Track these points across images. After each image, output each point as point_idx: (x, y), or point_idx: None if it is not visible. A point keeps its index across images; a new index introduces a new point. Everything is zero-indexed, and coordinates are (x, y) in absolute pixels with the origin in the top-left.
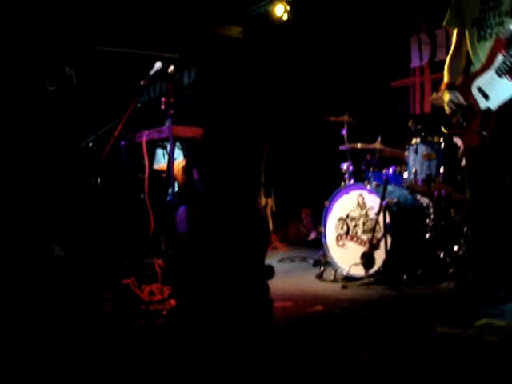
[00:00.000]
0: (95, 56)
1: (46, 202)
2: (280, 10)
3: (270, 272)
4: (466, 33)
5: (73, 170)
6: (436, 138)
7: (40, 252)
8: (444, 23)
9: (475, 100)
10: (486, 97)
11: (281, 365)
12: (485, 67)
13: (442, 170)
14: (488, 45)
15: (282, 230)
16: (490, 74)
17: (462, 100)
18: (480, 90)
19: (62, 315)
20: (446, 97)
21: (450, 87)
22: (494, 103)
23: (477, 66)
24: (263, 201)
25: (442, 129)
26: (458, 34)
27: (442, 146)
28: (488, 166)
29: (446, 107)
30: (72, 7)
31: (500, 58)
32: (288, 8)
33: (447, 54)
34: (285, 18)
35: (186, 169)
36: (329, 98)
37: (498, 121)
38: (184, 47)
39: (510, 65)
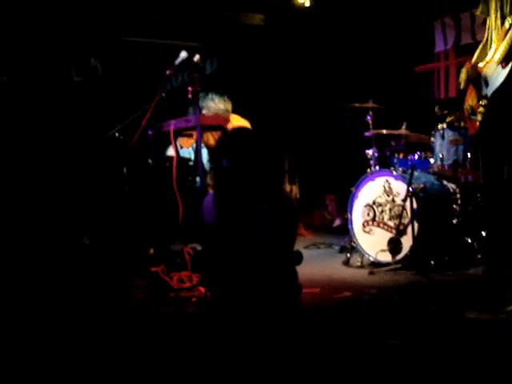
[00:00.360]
0: (120, 46)
1: (73, 191)
2: None
3: (298, 258)
4: (491, 21)
5: (99, 159)
6: (463, 123)
7: (68, 241)
8: (477, 12)
9: (481, 87)
10: (487, 84)
11: (310, 350)
12: (493, 55)
13: (469, 155)
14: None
15: (306, 216)
16: (493, 62)
17: (473, 76)
18: (484, 78)
19: (89, 303)
20: (464, 74)
21: (471, 67)
22: (489, 90)
23: (490, 54)
24: (288, 188)
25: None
26: (489, 22)
27: None
28: (487, 153)
29: (463, 80)
30: None
31: (501, 45)
32: None
33: (472, 37)
34: (307, 4)
35: (215, 156)
36: (353, 84)
37: (490, 108)
38: (206, 36)
39: (502, 52)
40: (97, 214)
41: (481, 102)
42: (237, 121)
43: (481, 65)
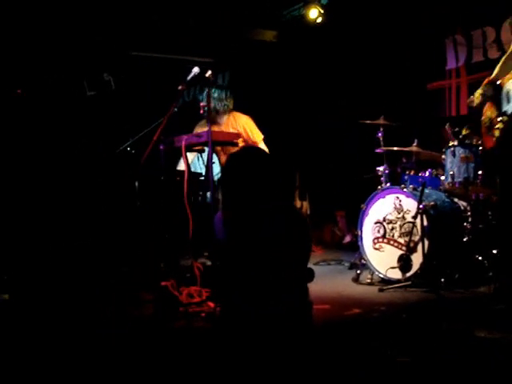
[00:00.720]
0: (132, 61)
1: (84, 204)
2: (314, 14)
3: (310, 275)
4: None
5: (111, 173)
6: (475, 140)
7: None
8: (506, 22)
9: (500, 103)
10: (509, 100)
11: (319, 366)
12: None
13: (480, 172)
14: None
15: (316, 232)
16: None
17: (490, 94)
18: (507, 94)
19: (98, 316)
20: (480, 90)
21: (490, 83)
22: (511, 107)
23: None
24: (298, 204)
25: (463, 130)
26: None
27: (480, 148)
28: (504, 169)
29: (476, 98)
30: (109, 13)
31: None
32: (322, 11)
33: (484, 55)
34: (319, 21)
35: (223, 176)
36: (364, 101)
37: (509, 125)
38: (218, 51)
39: None
40: (108, 228)
41: (500, 118)
42: (239, 117)
43: (503, 79)
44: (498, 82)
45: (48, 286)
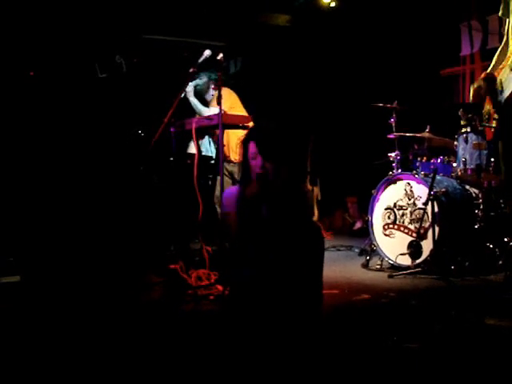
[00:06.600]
0: (144, 44)
1: (94, 189)
2: None
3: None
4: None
5: (122, 156)
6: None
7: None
8: (499, 13)
9: (497, 94)
10: (502, 91)
11: (327, 351)
12: (507, 61)
13: (492, 159)
14: None
15: (327, 218)
16: (508, 67)
17: (482, 94)
18: (500, 84)
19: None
20: (475, 85)
21: (485, 79)
22: (503, 97)
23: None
24: (309, 189)
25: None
26: (508, 25)
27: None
28: (506, 157)
29: (471, 93)
30: None
31: None
32: None
33: (500, 41)
34: (332, 5)
35: (243, 143)
36: (377, 86)
37: (503, 114)
38: (231, 36)
39: None
40: (118, 211)
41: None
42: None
43: (498, 71)
44: (495, 74)
45: (58, 269)
